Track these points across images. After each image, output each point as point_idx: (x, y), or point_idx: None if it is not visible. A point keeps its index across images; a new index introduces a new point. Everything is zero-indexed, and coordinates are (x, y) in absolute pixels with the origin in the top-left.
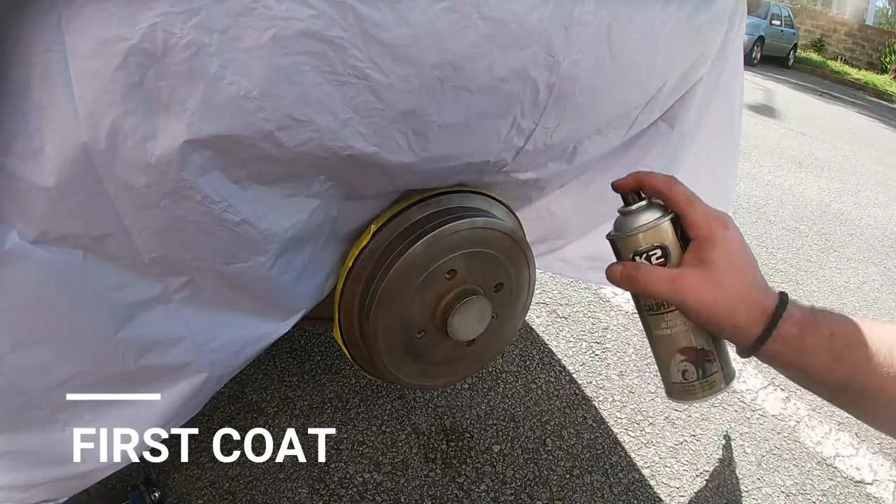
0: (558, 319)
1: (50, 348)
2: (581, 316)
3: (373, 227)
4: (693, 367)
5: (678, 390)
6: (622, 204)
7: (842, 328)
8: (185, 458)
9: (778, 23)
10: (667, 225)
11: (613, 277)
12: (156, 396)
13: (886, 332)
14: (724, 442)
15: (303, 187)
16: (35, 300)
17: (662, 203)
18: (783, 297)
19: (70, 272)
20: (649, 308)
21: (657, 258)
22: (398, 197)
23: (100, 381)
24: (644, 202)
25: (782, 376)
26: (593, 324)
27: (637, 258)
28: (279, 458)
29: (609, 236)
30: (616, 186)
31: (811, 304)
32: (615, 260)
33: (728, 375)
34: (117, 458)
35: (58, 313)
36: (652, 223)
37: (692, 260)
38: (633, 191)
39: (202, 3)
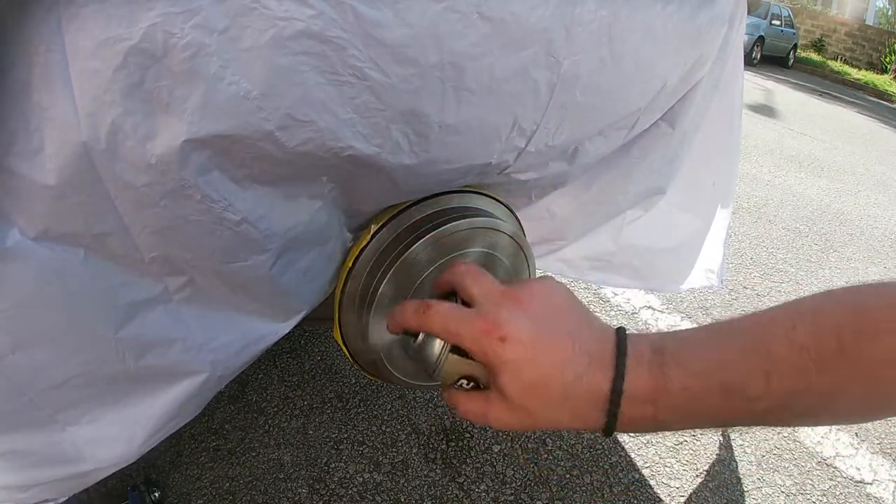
0: None
1: (50, 348)
2: None
3: (373, 227)
4: None
5: None
6: (412, 340)
7: (695, 379)
8: (185, 458)
9: (778, 23)
10: (452, 358)
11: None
12: (156, 396)
13: (737, 343)
14: (724, 442)
15: (304, 188)
16: (35, 298)
17: None
18: (619, 369)
19: (70, 270)
20: None
21: (468, 385)
22: None
23: (100, 381)
24: (421, 337)
25: None
26: None
27: (454, 385)
28: (279, 458)
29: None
30: (389, 329)
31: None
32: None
33: None
34: (117, 458)
35: (58, 312)
36: (439, 362)
37: (494, 386)
38: (403, 331)
39: (202, 3)
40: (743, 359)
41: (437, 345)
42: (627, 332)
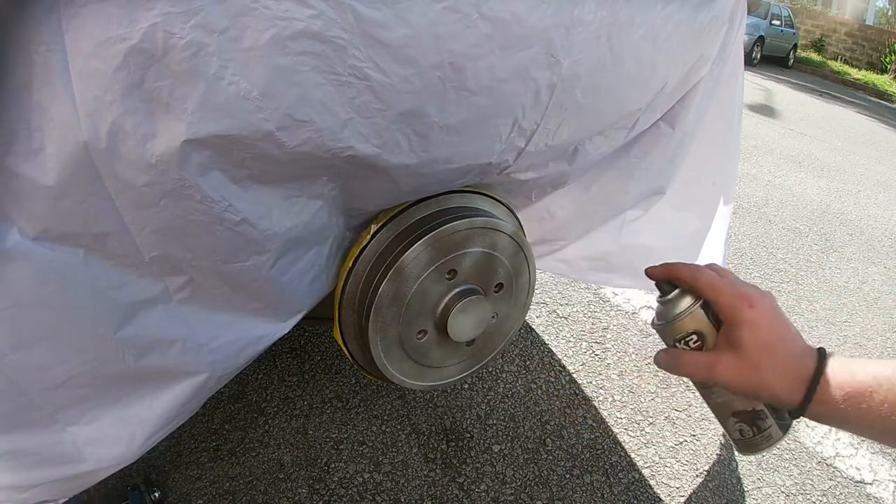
0: (558, 319)
1: (50, 347)
2: (581, 316)
3: (373, 227)
4: (748, 427)
5: (740, 446)
6: (659, 293)
7: (877, 385)
8: (185, 458)
9: (778, 23)
10: (698, 312)
11: (660, 364)
12: (156, 396)
13: None
14: (724, 442)
15: (305, 188)
16: (35, 298)
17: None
18: (821, 360)
19: (70, 270)
20: (699, 383)
21: (694, 343)
22: None
23: (100, 381)
24: (677, 291)
25: None
26: (593, 324)
27: (677, 344)
28: (279, 458)
29: (653, 325)
30: (649, 275)
31: (810, 303)
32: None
33: (784, 426)
34: (117, 459)
35: (58, 312)
36: (684, 312)
37: (725, 343)
38: (665, 281)
39: (202, 3)
40: None
41: (686, 301)
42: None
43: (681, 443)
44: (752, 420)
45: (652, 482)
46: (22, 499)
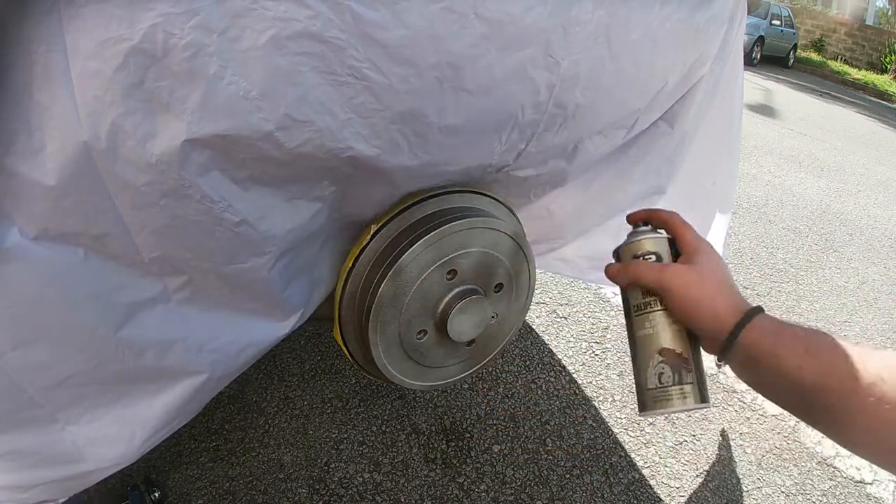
0: (558, 319)
1: (50, 347)
2: (581, 316)
3: (373, 227)
4: (670, 371)
5: (652, 397)
6: (631, 230)
7: (817, 333)
8: (185, 458)
9: (778, 23)
10: (662, 240)
11: (609, 273)
12: (156, 396)
13: (865, 351)
14: (724, 442)
15: (305, 190)
16: (35, 298)
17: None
18: (757, 307)
19: (70, 270)
20: (636, 308)
21: (652, 259)
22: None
23: (100, 381)
24: (649, 226)
25: None
26: (593, 324)
27: (638, 259)
28: (279, 458)
29: (615, 250)
30: (629, 217)
31: (810, 303)
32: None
33: (702, 395)
34: (118, 459)
35: (58, 311)
36: (650, 236)
37: (679, 262)
38: (643, 220)
39: (202, 3)
40: (836, 347)
41: (654, 232)
42: None
43: (681, 443)
44: (677, 366)
45: (652, 482)
46: (22, 499)
